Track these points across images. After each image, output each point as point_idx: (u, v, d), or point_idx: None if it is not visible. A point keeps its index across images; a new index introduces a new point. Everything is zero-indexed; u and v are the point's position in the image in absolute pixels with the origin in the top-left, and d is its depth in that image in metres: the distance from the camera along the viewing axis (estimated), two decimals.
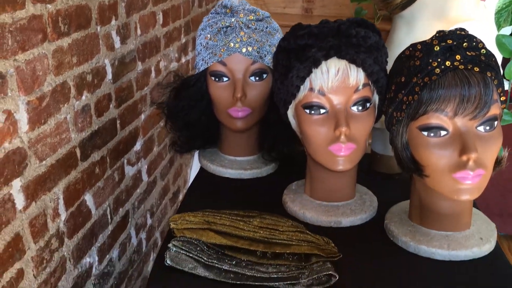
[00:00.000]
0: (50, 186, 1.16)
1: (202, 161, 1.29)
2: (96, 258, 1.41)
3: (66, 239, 1.24)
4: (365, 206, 1.08)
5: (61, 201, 1.21)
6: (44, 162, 1.13)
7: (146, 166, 1.74)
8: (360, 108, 0.97)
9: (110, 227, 1.49)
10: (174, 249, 0.90)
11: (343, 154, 0.96)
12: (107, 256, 1.48)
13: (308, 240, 0.93)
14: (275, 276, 0.87)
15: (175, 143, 1.29)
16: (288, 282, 0.85)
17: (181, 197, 2.18)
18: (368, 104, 0.98)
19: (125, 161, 1.56)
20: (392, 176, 1.26)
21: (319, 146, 0.98)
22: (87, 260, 1.36)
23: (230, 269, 0.88)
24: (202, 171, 1.27)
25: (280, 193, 1.15)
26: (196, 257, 0.89)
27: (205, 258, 0.89)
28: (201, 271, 0.88)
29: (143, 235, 1.76)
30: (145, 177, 1.74)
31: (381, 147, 1.27)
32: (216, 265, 0.89)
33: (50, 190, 1.16)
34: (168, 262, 0.89)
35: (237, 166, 1.25)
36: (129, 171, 1.60)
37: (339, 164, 0.97)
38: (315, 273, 0.86)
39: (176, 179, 2.12)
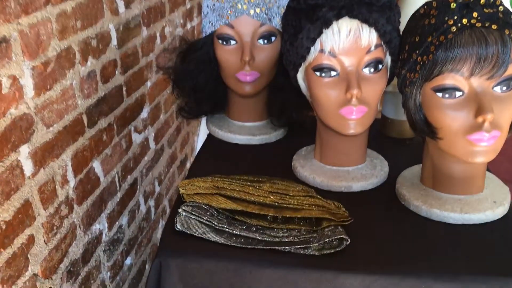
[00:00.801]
0: (58, 153, 1.15)
1: (210, 127, 1.27)
2: (106, 225, 1.42)
3: (75, 206, 1.24)
4: (376, 170, 1.06)
5: (70, 168, 1.20)
6: (51, 128, 1.11)
7: (153, 134, 1.72)
8: (372, 70, 0.94)
9: (119, 195, 1.49)
10: (184, 214, 0.90)
11: (354, 118, 0.94)
12: (117, 223, 1.49)
13: (319, 204, 0.92)
14: (286, 240, 0.86)
15: (182, 109, 1.27)
16: (299, 246, 0.84)
17: (188, 165, 2.17)
18: (380, 66, 0.95)
19: (132, 128, 1.55)
20: (403, 141, 1.24)
21: (329, 110, 0.96)
22: (96, 226, 1.36)
23: (241, 233, 0.87)
24: (210, 137, 1.26)
25: (289, 159, 1.14)
26: (206, 222, 0.89)
27: (215, 223, 0.89)
28: (211, 236, 0.87)
29: (151, 203, 1.76)
30: (152, 144, 1.73)
31: (392, 111, 1.25)
32: (227, 229, 0.88)
33: (58, 157, 1.15)
34: (178, 227, 0.89)
35: (246, 131, 1.23)
36: (137, 138, 1.58)
37: (350, 128, 0.95)
38: (326, 237, 0.85)
39: (184, 147, 2.11)
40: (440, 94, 0.85)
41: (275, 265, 0.84)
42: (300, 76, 1.01)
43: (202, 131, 2.22)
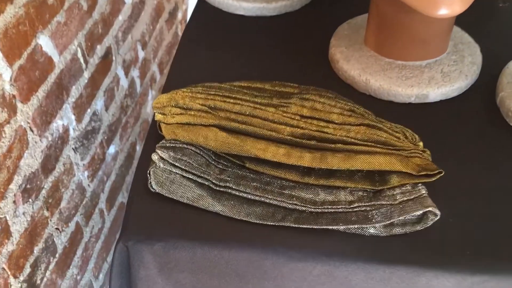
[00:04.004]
0: None
1: None
2: (73, 117, 1.05)
3: (19, 104, 0.87)
4: (464, 64, 0.65)
5: None
6: None
7: None
8: None
9: (86, 74, 1.09)
10: (162, 165, 0.53)
11: None
12: (88, 110, 1.12)
13: (383, 141, 0.54)
14: (331, 210, 0.50)
15: None
16: (355, 226, 0.49)
17: (180, 16, 1.71)
18: None
19: None
20: (494, 3, 0.80)
21: None
22: (58, 123, 1.00)
23: (256, 197, 0.52)
24: (202, 4, 0.81)
25: (323, 41, 0.72)
26: (199, 180, 0.52)
27: (214, 181, 0.52)
28: (208, 203, 0.52)
29: (135, 73, 1.37)
30: None
31: None
32: (234, 191, 0.52)
33: None
34: (154, 187, 0.52)
35: None
36: None
37: (443, 5, 0.53)
38: (400, 211, 0.49)
39: None
40: None
41: (313, 255, 0.49)
42: None
43: None
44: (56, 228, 1.04)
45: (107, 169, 1.26)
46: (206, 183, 0.52)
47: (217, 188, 0.52)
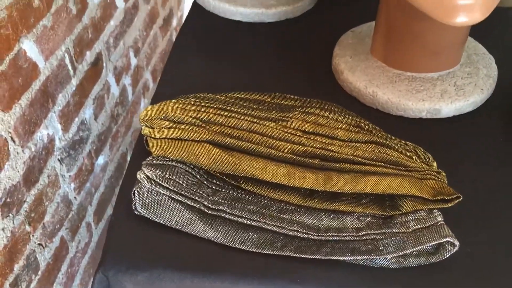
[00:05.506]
0: None
1: None
2: (59, 127, 0.99)
3: (0, 113, 0.81)
4: (479, 78, 0.60)
5: None
6: None
7: None
8: None
9: (74, 81, 1.04)
10: (148, 185, 0.47)
11: None
12: (76, 119, 1.06)
13: (394, 161, 0.49)
14: (336, 238, 0.45)
15: None
16: (363, 258, 0.44)
17: (175, 23, 1.66)
18: None
19: None
20: (502, 11, 0.76)
21: None
22: (43, 133, 0.94)
23: (253, 222, 0.46)
24: (196, 9, 0.76)
25: (326, 50, 0.67)
26: (189, 202, 0.47)
27: (206, 203, 0.47)
28: (199, 228, 0.46)
29: (126, 81, 1.31)
30: (120, 1, 1.22)
31: None
32: (228, 215, 0.46)
33: None
34: (139, 209, 0.47)
35: (253, 0, 0.73)
36: None
37: (461, 12, 0.48)
38: (414, 241, 0.44)
39: None
40: None
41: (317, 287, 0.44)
42: None
43: None
44: (39, 244, 0.98)
45: (96, 180, 1.20)
46: (197, 205, 0.46)
47: (209, 212, 0.46)
